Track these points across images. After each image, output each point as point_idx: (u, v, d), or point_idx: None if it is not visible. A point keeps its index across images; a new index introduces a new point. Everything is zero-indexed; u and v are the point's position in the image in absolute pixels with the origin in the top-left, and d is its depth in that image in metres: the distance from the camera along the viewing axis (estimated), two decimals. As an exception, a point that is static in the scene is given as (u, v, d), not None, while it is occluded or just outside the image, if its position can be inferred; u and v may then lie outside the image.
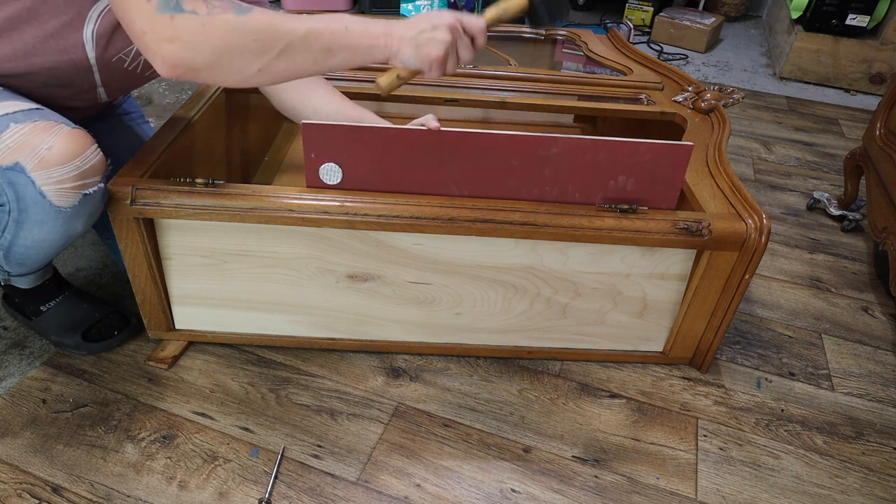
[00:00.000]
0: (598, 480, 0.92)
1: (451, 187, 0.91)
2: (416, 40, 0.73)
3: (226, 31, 0.67)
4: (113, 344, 1.07)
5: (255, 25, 0.68)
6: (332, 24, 0.72)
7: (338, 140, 0.87)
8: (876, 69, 2.37)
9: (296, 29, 0.70)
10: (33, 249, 0.84)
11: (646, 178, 0.90)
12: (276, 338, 1.06)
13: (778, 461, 0.97)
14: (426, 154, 0.88)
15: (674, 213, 0.92)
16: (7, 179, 0.76)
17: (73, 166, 0.78)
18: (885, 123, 1.40)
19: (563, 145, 0.88)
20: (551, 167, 0.89)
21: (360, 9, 2.79)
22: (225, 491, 0.87)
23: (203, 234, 0.93)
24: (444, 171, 0.90)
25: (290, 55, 0.71)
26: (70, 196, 0.79)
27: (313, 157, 0.88)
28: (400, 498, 0.88)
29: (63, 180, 0.77)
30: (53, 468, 0.88)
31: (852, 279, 1.39)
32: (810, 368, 1.15)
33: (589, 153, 0.88)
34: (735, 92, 1.27)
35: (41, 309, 1.04)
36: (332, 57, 0.72)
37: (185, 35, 0.66)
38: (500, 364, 1.10)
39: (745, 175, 1.80)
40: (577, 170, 0.90)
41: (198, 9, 0.66)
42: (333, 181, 0.91)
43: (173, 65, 0.68)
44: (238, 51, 0.69)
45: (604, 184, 0.91)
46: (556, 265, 0.96)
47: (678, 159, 0.89)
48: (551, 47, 1.68)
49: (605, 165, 0.89)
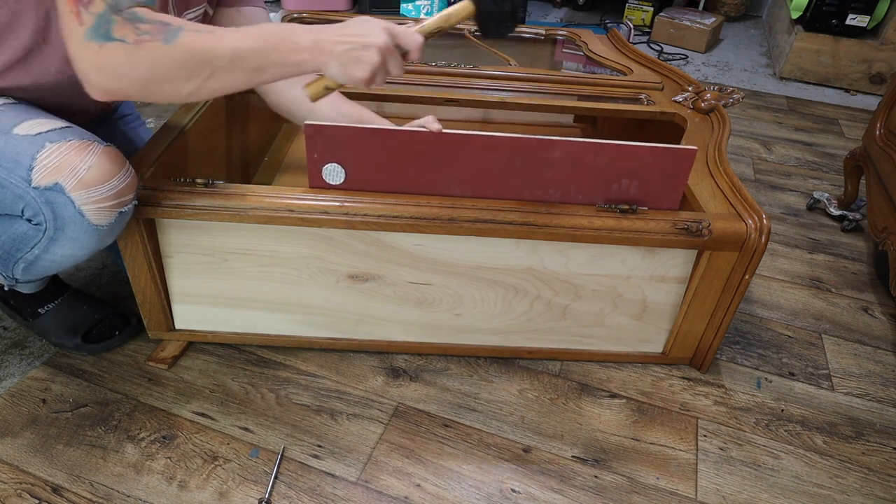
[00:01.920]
0: (598, 480, 0.92)
1: (453, 188, 0.91)
2: (344, 58, 0.72)
3: (152, 61, 0.68)
4: (113, 344, 1.07)
5: (182, 53, 0.68)
6: (261, 42, 0.71)
7: (340, 141, 0.87)
8: (876, 69, 2.37)
9: (223, 53, 0.69)
10: (57, 264, 0.84)
11: (648, 182, 0.90)
12: (276, 338, 1.06)
13: (778, 461, 0.98)
14: (429, 156, 0.88)
15: (674, 214, 0.92)
16: (46, 199, 0.76)
17: (111, 185, 0.78)
18: (885, 123, 1.40)
19: (566, 148, 0.87)
20: (554, 170, 0.89)
21: (359, 9, 2.79)
22: (225, 491, 0.87)
23: (203, 234, 0.93)
24: (446, 172, 0.90)
25: (219, 77, 0.71)
26: (108, 215, 0.79)
27: (316, 157, 0.88)
28: (400, 498, 0.88)
29: (102, 199, 0.78)
30: (53, 468, 0.88)
31: (852, 279, 1.39)
32: (810, 368, 1.15)
33: (591, 156, 0.88)
34: (735, 92, 1.27)
35: (39, 311, 1.04)
36: (263, 74, 0.72)
37: (112, 65, 0.67)
38: (500, 364, 1.10)
39: (745, 175, 1.80)
40: (579, 173, 0.90)
41: (126, 36, 0.66)
42: (337, 181, 0.90)
43: (102, 91, 0.69)
44: (166, 78, 0.69)
45: (606, 186, 0.91)
46: (557, 267, 0.96)
47: (682, 163, 0.89)
48: (551, 47, 1.68)
49: (608, 168, 0.89)
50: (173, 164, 0.99)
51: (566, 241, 0.93)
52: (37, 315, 1.04)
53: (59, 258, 0.83)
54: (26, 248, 0.82)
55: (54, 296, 1.06)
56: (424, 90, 1.24)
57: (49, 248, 0.81)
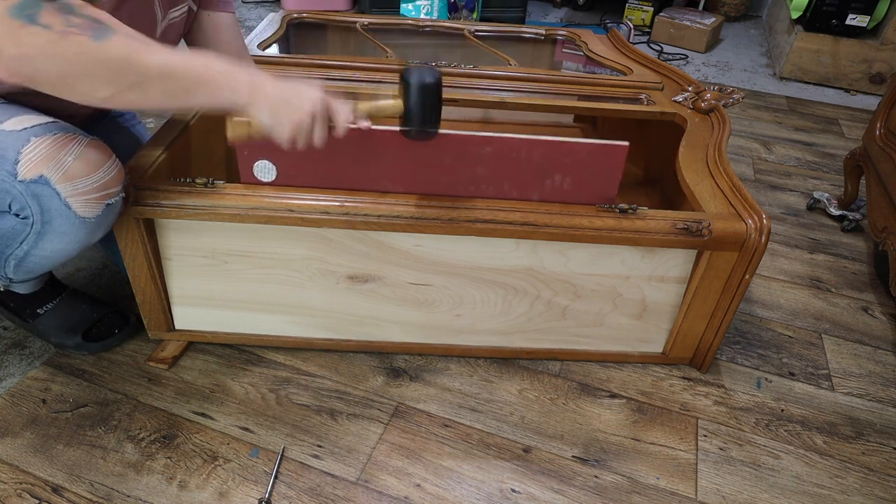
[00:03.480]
0: (598, 480, 0.92)
1: (384, 184, 0.92)
2: (276, 109, 0.72)
3: (75, 54, 0.65)
4: (113, 343, 1.07)
5: (110, 55, 0.66)
6: (199, 69, 0.70)
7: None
8: (876, 69, 2.37)
9: (153, 66, 0.68)
10: (48, 259, 0.84)
11: (583, 177, 0.91)
12: (277, 338, 1.06)
13: (778, 461, 0.98)
14: (359, 151, 0.89)
15: (674, 213, 0.92)
16: (31, 192, 0.76)
17: (97, 177, 0.78)
18: (885, 123, 1.40)
19: (497, 144, 0.88)
20: (485, 166, 0.90)
21: (359, 8, 2.79)
22: (225, 491, 0.87)
23: (203, 234, 0.93)
24: (377, 168, 0.91)
25: (142, 89, 0.69)
26: (94, 206, 0.79)
27: (246, 154, 0.89)
28: (400, 498, 0.88)
29: (87, 191, 0.78)
30: (53, 468, 0.88)
31: (852, 279, 1.39)
32: (810, 368, 1.15)
33: (524, 153, 0.89)
34: (735, 92, 1.27)
35: (38, 312, 1.04)
36: (189, 99, 0.71)
37: (30, 48, 0.64)
38: (499, 364, 1.10)
39: (745, 175, 1.80)
40: (512, 169, 0.90)
41: (53, 24, 0.63)
42: (268, 178, 0.91)
43: (11, 72, 0.66)
44: (85, 76, 0.67)
45: (540, 182, 0.91)
46: (557, 267, 0.96)
47: (614, 159, 0.90)
48: (551, 47, 1.68)
49: (542, 165, 0.90)
50: (173, 163, 0.99)
51: (566, 241, 0.93)
52: (36, 316, 1.04)
53: (49, 253, 0.83)
54: (15, 243, 0.82)
55: (52, 296, 1.06)
56: (424, 90, 1.24)
57: (38, 242, 0.81)
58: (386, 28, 1.62)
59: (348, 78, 1.26)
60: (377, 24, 1.60)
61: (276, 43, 1.44)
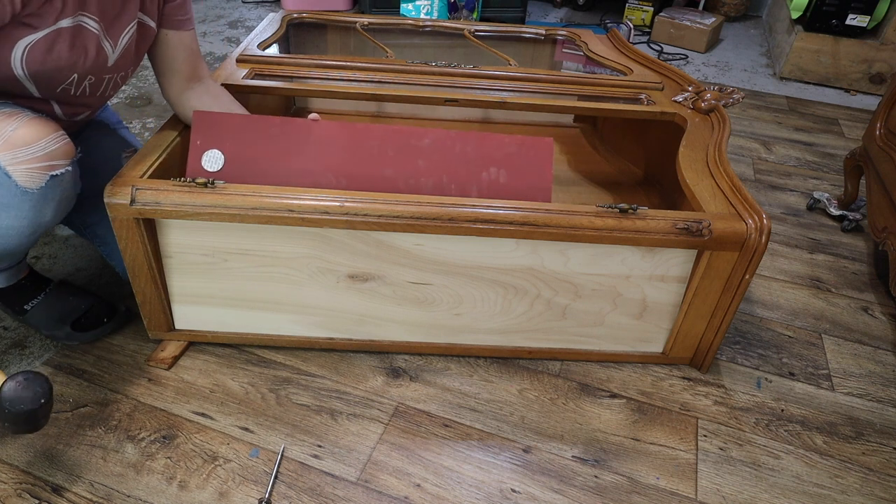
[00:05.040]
0: (598, 480, 0.92)
1: (329, 178, 0.93)
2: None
3: None
4: (103, 332, 1.07)
5: None
6: None
7: (224, 128, 0.91)
8: (876, 69, 2.37)
9: None
10: (1, 238, 0.84)
11: (516, 172, 0.94)
12: (276, 338, 1.06)
13: (778, 461, 0.98)
14: (305, 144, 0.91)
15: (674, 213, 0.92)
16: None
17: (39, 147, 0.79)
18: (885, 123, 1.40)
19: (434, 137, 0.92)
20: (425, 159, 0.93)
21: (360, 9, 2.79)
22: (225, 491, 0.87)
23: (203, 234, 0.93)
24: (322, 161, 0.92)
25: None
26: (37, 177, 0.79)
27: (199, 143, 0.91)
28: (400, 498, 0.88)
29: (29, 160, 0.78)
30: (53, 468, 0.88)
31: (852, 279, 1.39)
32: (810, 368, 1.15)
33: (458, 145, 0.92)
34: (735, 92, 1.27)
35: (25, 308, 1.05)
36: None
37: None
38: (500, 364, 1.10)
39: (745, 175, 1.80)
40: (449, 162, 0.93)
41: None
42: (215, 168, 0.93)
43: None
44: None
45: (477, 176, 0.94)
46: (557, 266, 0.96)
47: (542, 153, 0.93)
48: (551, 47, 1.68)
49: (476, 158, 0.93)
50: (173, 163, 0.99)
51: (566, 241, 0.93)
52: (24, 311, 1.05)
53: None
54: None
55: (37, 291, 1.06)
56: (424, 90, 1.24)
57: None
58: (386, 28, 1.62)
59: (348, 78, 1.26)
60: (377, 24, 1.60)
61: (275, 43, 1.44)
